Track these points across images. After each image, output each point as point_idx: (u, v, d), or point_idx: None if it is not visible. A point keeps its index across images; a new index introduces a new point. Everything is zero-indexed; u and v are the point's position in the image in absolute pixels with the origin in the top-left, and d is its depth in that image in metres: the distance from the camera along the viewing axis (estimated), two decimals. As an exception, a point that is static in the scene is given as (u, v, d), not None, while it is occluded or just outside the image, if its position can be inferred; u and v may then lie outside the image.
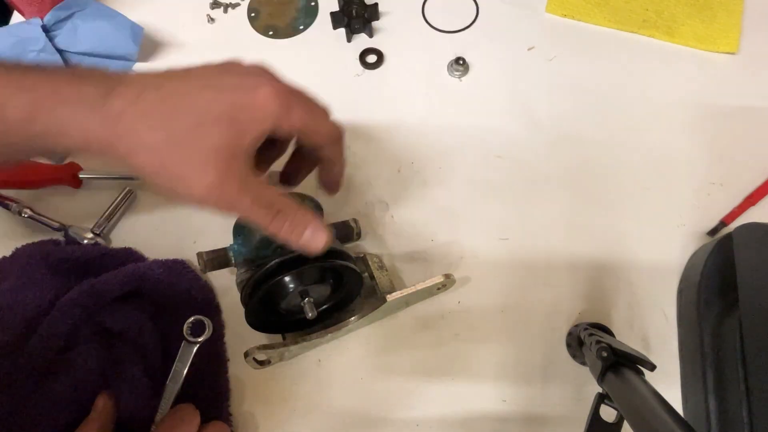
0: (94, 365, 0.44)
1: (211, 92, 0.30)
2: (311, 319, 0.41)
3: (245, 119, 0.29)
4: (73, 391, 0.43)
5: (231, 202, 0.30)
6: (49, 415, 0.43)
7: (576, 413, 0.45)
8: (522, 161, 0.54)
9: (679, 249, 0.49)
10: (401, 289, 0.45)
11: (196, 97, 0.29)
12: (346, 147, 0.40)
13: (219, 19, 0.63)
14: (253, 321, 0.42)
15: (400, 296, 0.45)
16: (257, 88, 0.30)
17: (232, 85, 0.30)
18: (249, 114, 0.30)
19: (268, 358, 0.44)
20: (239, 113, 0.29)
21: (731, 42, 0.57)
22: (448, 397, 0.46)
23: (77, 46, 0.56)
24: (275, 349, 0.43)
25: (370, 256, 0.48)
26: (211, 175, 0.29)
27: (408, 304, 0.47)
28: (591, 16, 0.60)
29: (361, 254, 0.47)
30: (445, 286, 0.46)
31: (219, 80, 0.31)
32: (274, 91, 0.30)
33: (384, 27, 0.61)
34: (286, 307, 0.42)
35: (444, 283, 0.46)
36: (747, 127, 0.54)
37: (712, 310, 0.43)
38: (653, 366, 0.36)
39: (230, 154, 0.29)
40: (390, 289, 0.46)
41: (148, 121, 0.28)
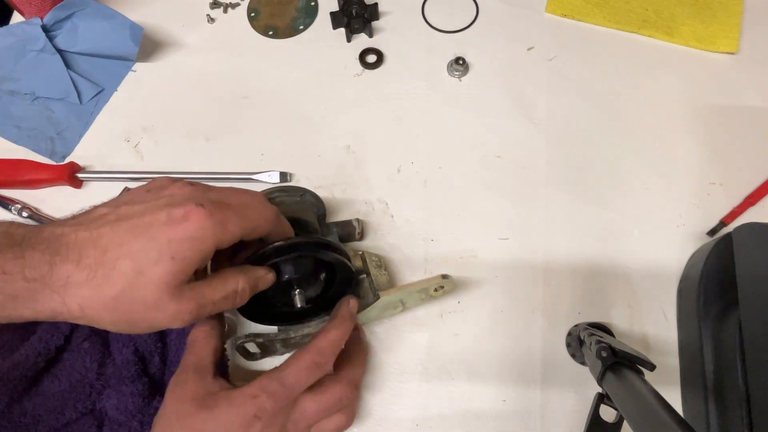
0: (93, 365, 0.44)
1: (144, 236, 0.30)
2: (300, 309, 0.41)
3: (184, 251, 0.30)
4: (72, 391, 0.43)
5: (195, 318, 0.33)
6: (48, 415, 0.43)
7: (576, 413, 0.45)
8: (522, 161, 0.54)
9: (679, 249, 0.49)
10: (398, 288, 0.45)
11: (132, 244, 0.30)
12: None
13: (219, 19, 0.63)
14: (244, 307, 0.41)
15: (394, 293, 0.44)
16: (187, 217, 0.31)
17: (163, 221, 0.31)
18: (187, 246, 0.31)
19: (259, 350, 0.44)
20: (177, 248, 0.30)
21: (731, 42, 0.57)
22: (448, 397, 0.46)
23: (77, 46, 0.57)
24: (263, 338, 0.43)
25: (369, 255, 0.48)
26: (168, 310, 0.31)
27: (405, 305, 0.47)
28: (591, 16, 0.60)
29: (360, 252, 0.47)
30: (443, 288, 0.46)
31: (150, 217, 0.31)
32: (204, 214, 0.31)
33: (384, 27, 0.61)
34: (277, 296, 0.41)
35: (442, 284, 0.45)
36: (747, 127, 0.54)
37: (712, 310, 0.43)
38: (653, 366, 0.36)
39: (179, 283, 0.31)
40: (388, 287, 0.46)
41: (93, 284, 0.29)
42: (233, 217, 0.33)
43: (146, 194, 0.34)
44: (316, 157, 0.55)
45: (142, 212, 0.31)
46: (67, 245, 0.30)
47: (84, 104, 0.57)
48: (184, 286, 0.32)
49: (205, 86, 0.59)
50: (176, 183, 0.35)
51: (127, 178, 0.54)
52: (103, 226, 0.31)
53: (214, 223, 0.31)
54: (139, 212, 0.32)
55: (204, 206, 0.32)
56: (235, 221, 0.33)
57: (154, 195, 0.34)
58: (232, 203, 0.34)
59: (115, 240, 0.30)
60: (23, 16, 0.58)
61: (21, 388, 0.42)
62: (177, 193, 0.34)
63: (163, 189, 0.34)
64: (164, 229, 0.31)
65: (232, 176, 0.53)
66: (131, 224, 0.31)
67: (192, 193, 0.34)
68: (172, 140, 0.56)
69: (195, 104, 0.58)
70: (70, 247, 0.30)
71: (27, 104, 0.57)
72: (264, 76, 0.59)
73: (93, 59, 0.58)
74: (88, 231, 0.30)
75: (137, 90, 0.59)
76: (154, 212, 0.31)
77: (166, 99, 0.58)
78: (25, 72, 0.57)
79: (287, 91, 0.58)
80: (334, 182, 0.53)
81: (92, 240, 0.30)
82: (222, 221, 0.32)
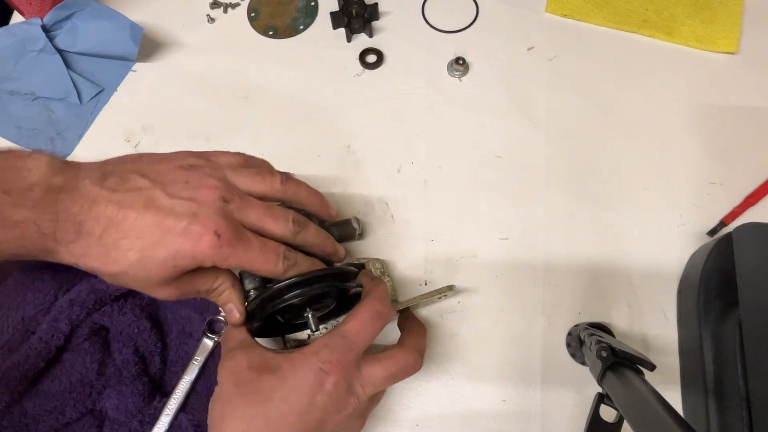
0: (93, 365, 0.44)
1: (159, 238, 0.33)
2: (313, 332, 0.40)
3: (186, 263, 0.34)
4: (72, 391, 0.43)
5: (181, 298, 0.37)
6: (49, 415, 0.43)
7: (576, 413, 0.45)
8: (522, 161, 0.54)
9: (679, 249, 0.49)
10: (402, 294, 0.45)
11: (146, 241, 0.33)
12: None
13: (219, 19, 0.63)
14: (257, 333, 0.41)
15: (402, 305, 0.44)
16: (200, 241, 0.33)
17: (179, 231, 0.33)
18: (189, 261, 0.34)
19: None
20: (180, 260, 0.34)
21: (731, 42, 0.57)
22: (448, 397, 0.46)
23: (77, 46, 0.56)
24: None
25: (372, 262, 0.47)
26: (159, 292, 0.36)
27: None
28: (591, 16, 0.60)
29: (363, 259, 0.47)
30: (446, 296, 0.46)
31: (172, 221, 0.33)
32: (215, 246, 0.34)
33: (384, 27, 0.61)
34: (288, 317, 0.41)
35: (446, 294, 0.46)
36: (747, 127, 0.54)
37: (712, 310, 0.43)
38: (653, 366, 0.36)
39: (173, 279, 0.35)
40: (392, 296, 0.46)
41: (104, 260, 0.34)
42: (239, 256, 0.35)
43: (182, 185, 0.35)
44: (316, 157, 0.55)
45: (168, 211, 0.34)
46: (95, 218, 0.33)
47: (84, 104, 0.57)
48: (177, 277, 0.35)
49: (205, 86, 0.59)
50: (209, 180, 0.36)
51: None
52: (132, 207, 0.33)
53: (217, 254, 0.34)
54: (166, 210, 0.34)
55: (221, 236, 0.34)
56: (237, 260, 0.35)
57: (186, 190, 0.35)
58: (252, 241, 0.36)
59: (134, 230, 0.33)
60: (23, 16, 0.58)
61: (21, 388, 0.42)
62: (205, 200, 0.35)
63: (196, 187, 0.35)
64: (177, 240, 0.33)
65: (232, 176, 0.53)
66: (154, 221, 0.33)
67: (218, 208, 0.35)
68: (172, 140, 0.56)
69: (195, 104, 0.58)
70: (96, 221, 0.33)
71: (27, 104, 0.57)
72: (264, 76, 0.59)
73: (93, 59, 0.58)
74: (118, 208, 0.33)
75: (137, 90, 0.59)
76: (177, 218, 0.33)
77: (166, 99, 0.58)
78: (25, 72, 0.57)
79: (287, 91, 0.58)
80: (334, 182, 0.53)
81: (117, 222, 0.33)
82: (225, 257, 0.34)
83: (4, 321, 0.45)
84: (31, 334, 0.44)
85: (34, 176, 0.33)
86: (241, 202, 0.36)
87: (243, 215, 0.36)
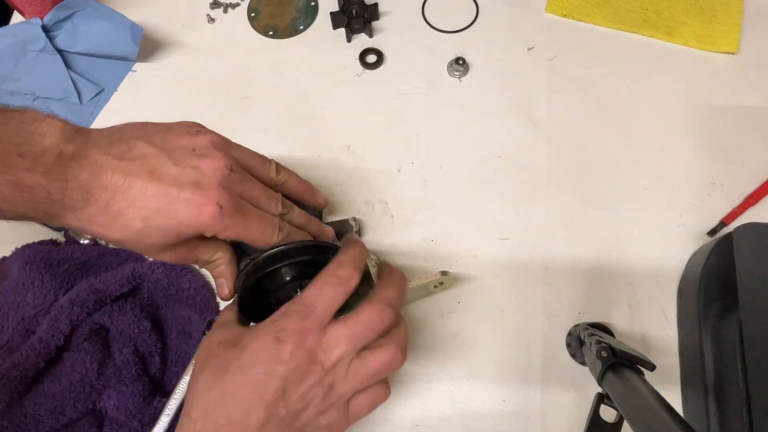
0: (93, 365, 0.44)
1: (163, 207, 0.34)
2: None
3: (187, 232, 0.35)
4: (72, 391, 0.43)
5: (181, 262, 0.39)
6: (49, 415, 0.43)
7: (576, 413, 0.45)
8: (522, 161, 0.54)
9: (679, 249, 0.49)
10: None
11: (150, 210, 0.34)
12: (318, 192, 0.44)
13: (219, 19, 0.63)
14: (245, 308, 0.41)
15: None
16: (202, 211, 0.34)
17: (183, 201, 0.34)
18: (192, 230, 0.35)
19: None
20: (184, 229, 0.35)
21: (731, 42, 0.57)
22: (448, 397, 0.46)
23: (77, 46, 0.57)
24: None
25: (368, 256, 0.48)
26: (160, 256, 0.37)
27: (406, 302, 0.47)
28: (591, 16, 0.60)
29: None
30: (443, 284, 0.46)
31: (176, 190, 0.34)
32: (216, 216, 0.34)
33: (384, 27, 0.61)
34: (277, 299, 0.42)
35: (441, 281, 0.45)
36: (747, 127, 0.54)
37: (712, 310, 0.43)
38: (653, 366, 0.36)
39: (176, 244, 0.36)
40: None
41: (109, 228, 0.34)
42: (239, 227, 0.36)
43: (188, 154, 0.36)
44: (316, 157, 0.55)
45: (173, 180, 0.34)
46: (102, 186, 0.33)
47: (84, 104, 0.57)
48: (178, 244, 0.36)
49: (205, 86, 0.59)
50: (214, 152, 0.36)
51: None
52: (137, 175, 0.34)
53: (218, 225, 0.35)
54: (172, 178, 0.34)
55: (222, 207, 0.34)
56: (236, 231, 0.36)
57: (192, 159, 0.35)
58: (252, 213, 0.37)
59: (139, 199, 0.34)
60: (23, 16, 0.58)
61: (21, 388, 0.42)
62: (209, 170, 0.35)
63: (201, 156, 0.36)
64: (181, 210, 0.34)
65: (232, 176, 0.53)
66: (158, 189, 0.34)
67: (221, 179, 0.35)
68: (172, 140, 0.56)
69: (195, 104, 0.58)
70: (103, 189, 0.33)
71: (27, 104, 0.57)
72: (264, 76, 0.59)
73: (93, 59, 0.58)
74: (124, 177, 0.34)
75: (137, 90, 0.59)
76: (182, 187, 0.34)
77: (166, 99, 0.58)
78: (26, 72, 0.57)
79: (287, 91, 0.58)
80: (334, 182, 0.53)
81: (123, 189, 0.33)
82: (225, 228, 0.35)
83: (4, 321, 0.45)
84: (31, 334, 0.44)
85: (47, 141, 0.33)
86: (242, 177, 0.37)
87: (243, 189, 0.37)
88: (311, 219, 0.43)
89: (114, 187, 0.34)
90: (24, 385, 0.42)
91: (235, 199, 0.36)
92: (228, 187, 0.35)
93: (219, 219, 0.34)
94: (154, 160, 0.35)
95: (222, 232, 0.35)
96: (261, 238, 0.37)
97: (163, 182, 0.34)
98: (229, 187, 0.35)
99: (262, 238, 0.37)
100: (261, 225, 0.37)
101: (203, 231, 0.35)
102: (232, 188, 0.36)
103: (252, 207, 0.37)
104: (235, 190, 0.36)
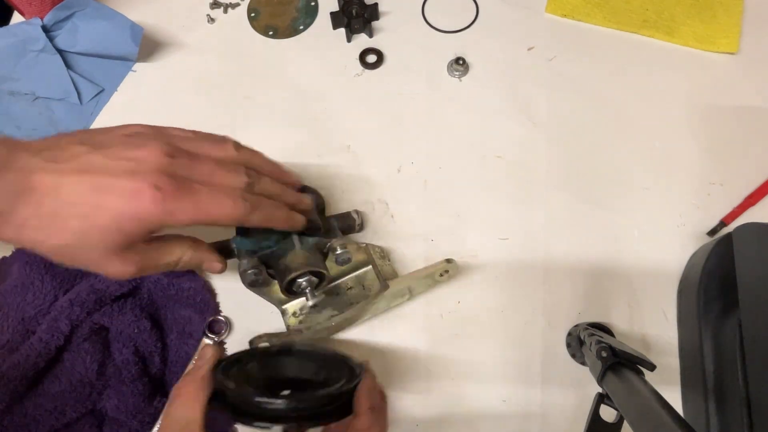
0: (93, 365, 0.44)
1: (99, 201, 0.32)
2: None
3: (130, 227, 0.32)
4: (72, 391, 0.43)
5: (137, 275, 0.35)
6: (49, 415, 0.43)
7: (576, 413, 0.45)
8: (522, 161, 0.54)
9: (679, 249, 0.49)
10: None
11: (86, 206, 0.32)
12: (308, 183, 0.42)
13: (219, 19, 0.62)
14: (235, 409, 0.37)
15: (402, 281, 0.44)
16: (139, 197, 0.32)
17: (118, 191, 0.32)
18: (134, 224, 0.32)
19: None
20: (125, 223, 0.32)
21: (731, 42, 0.57)
22: (448, 397, 0.46)
23: (77, 46, 0.56)
24: (279, 338, 0.44)
25: (372, 247, 0.48)
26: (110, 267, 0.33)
27: (411, 293, 0.47)
28: (591, 16, 0.60)
29: (363, 244, 0.47)
30: (447, 273, 0.46)
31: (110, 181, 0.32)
32: (156, 200, 0.32)
33: (384, 27, 0.61)
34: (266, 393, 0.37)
35: (447, 269, 0.45)
36: (747, 127, 0.54)
37: (712, 310, 0.43)
38: (653, 366, 0.36)
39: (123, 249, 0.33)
40: (393, 278, 0.46)
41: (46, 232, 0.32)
42: (188, 209, 0.33)
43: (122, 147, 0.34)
44: (316, 156, 0.55)
45: (106, 172, 0.32)
46: (32, 188, 0.31)
47: (84, 104, 0.57)
48: (129, 249, 0.33)
49: (205, 86, 0.59)
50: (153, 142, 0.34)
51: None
52: (70, 173, 0.32)
53: (163, 211, 0.32)
54: (104, 170, 0.32)
55: (162, 189, 0.32)
56: (187, 214, 0.33)
57: (126, 150, 0.33)
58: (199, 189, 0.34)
59: (72, 196, 0.32)
60: (23, 16, 0.58)
61: (21, 388, 0.42)
62: (146, 158, 0.33)
63: (138, 147, 0.34)
64: (117, 201, 0.32)
65: (232, 176, 0.53)
66: (92, 183, 0.32)
67: (161, 164, 0.33)
68: (172, 140, 0.56)
69: (195, 104, 0.58)
70: (34, 190, 0.31)
71: (27, 104, 0.57)
72: (264, 76, 0.59)
73: (93, 59, 0.58)
74: (55, 175, 0.32)
75: (137, 90, 0.59)
76: (117, 177, 0.32)
77: (166, 99, 0.58)
78: (26, 72, 0.57)
79: (287, 91, 0.58)
80: (334, 182, 0.53)
81: (54, 189, 0.32)
82: (171, 211, 0.33)
83: (4, 321, 0.45)
84: (31, 334, 0.44)
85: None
86: (188, 159, 0.35)
87: (190, 171, 0.35)
88: (285, 189, 0.40)
89: (45, 187, 0.32)
90: (24, 385, 0.42)
91: (177, 179, 0.33)
92: (168, 171, 0.33)
93: (160, 203, 0.32)
94: (86, 158, 0.33)
95: (170, 218, 0.33)
96: (221, 213, 0.35)
97: (95, 175, 0.32)
98: (169, 171, 0.33)
99: (224, 214, 0.35)
100: (215, 199, 0.34)
101: (149, 222, 0.32)
102: (174, 172, 0.33)
103: (201, 185, 0.34)
104: (181, 174, 0.34)
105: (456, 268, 0.46)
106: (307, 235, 0.43)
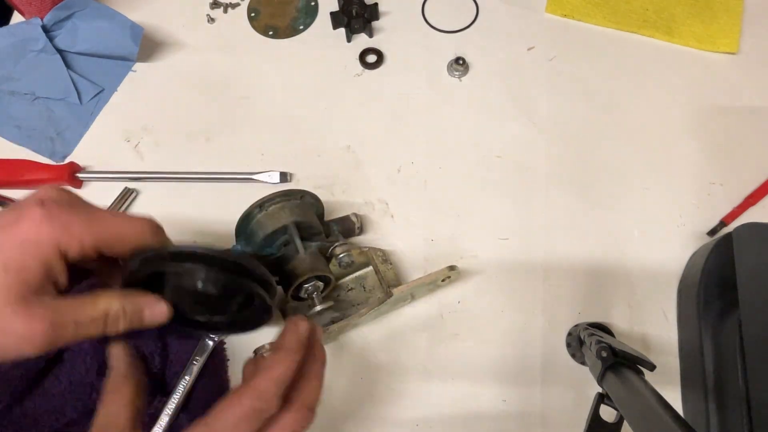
0: (93, 365, 0.44)
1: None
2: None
3: (18, 258, 0.26)
4: (72, 391, 0.43)
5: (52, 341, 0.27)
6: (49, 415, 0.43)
7: (576, 413, 0.45)
8: (522, 161, 0.54)
9: (679, 249, 0.49)
10: (406, 282, 0.45)
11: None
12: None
13: (219, 19, 0.62)
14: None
15: (406, 289, 0.45)
16: (20, 219, 0.26)
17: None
18: (19, 252, 0.26)
19: None
20: (9, 255, 0.26)
21: (731, 42, 0.57)
22: (448, 397, 0.46)
23: (77, 46, 0.56)
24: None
25: (374, 251, 0.48)
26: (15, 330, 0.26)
27: (413, 297, 0.47)
28: (591, 16, 0.60)
29: (365, 248, 0.47)
30: (449, 278, 0.46)
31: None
32: (39, 215, 0.27)
33: (384, 27, 0.61)
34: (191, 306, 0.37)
35: (449, 275, 0.46)
36: (747, 127, 0.54)
37: (712, 310, 0.43)
38: (653, 366, 0.36)
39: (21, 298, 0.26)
40: (395, 283, 0.46)
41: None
42: (82, 220, 0.28)
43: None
44: (315, 157, 0.55)
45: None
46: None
47: (84, 104, 0.57)
48: (33, 301, 0.27)
49: (205, 86, 0.59)
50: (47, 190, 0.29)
51: (127, 178, 0.54)
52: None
53: (53, 226, 0.27)
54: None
55: (44, 205, 0.27)
56: (83, 225, 0.28)
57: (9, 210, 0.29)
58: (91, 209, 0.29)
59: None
60: (23, 16, 0.58)
61: (21, 388, 0.42)
62: (29, 197, 0.28)
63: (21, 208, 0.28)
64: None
65: (232, 176, 0.53)
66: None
67: (43, 192, 0.29)
68: (172, 140, 0.56)
69: (195, 104, 0.58)
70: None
71: (27, 104, 0.57)
72: (264, 76, 0.59)
73: (93, 59, 0.58)
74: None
75: (137, 90, 0.59)
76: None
77: (166, 99, 0.58)
78: (26, 72, 0.57)
79: (287, 91, 0.58)
80: (334, 182, 0.53)
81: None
82: (65, 224, 0.27)
83: (4, 321, 0.45)
84: (31, 334, 0.44)
85: None
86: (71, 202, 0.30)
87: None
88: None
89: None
90: (24, 385, 0.42)
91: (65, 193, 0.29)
92: (49, 195, 0.29)
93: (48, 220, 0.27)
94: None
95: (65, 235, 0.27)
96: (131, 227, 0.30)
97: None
98: (49, 195, 0.29)
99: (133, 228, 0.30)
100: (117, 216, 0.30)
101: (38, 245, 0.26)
102: (54, 195, 0.29)
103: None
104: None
105: (458, 274, 0.46)
106: (309, 240, 0.43)
